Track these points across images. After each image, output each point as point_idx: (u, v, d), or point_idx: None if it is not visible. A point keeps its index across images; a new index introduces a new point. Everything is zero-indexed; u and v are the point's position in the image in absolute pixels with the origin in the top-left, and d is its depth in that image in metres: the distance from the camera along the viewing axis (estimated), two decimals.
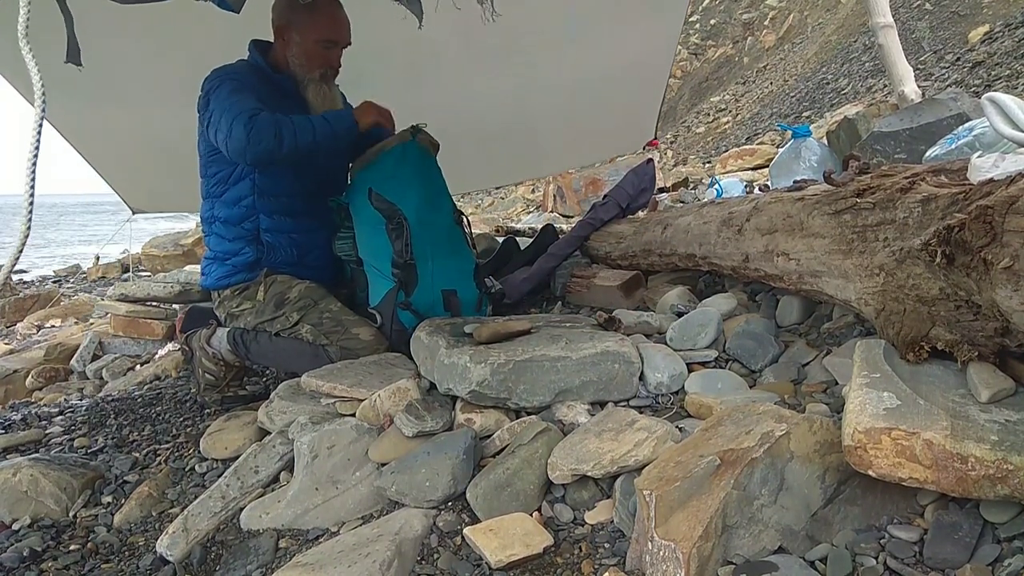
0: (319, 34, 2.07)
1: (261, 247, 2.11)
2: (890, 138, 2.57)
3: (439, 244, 2.09)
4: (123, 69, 2.93)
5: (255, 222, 2.10)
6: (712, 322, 1.64)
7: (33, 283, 10.43)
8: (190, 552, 1.35)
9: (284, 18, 2.08)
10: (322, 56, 2.10)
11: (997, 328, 0.96)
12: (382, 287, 2.07)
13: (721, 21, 21.10)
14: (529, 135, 4.34)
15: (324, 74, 2.13)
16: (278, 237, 2.12)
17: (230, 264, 2.12)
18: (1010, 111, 1.26)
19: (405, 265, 2.02)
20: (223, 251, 2.13)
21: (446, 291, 2.08)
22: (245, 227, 2.10)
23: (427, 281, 2.05)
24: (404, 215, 2.01)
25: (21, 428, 2.29)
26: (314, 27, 2.06)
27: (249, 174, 2.06)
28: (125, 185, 4.04)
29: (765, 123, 12.05)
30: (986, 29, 8.20)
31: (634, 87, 4.17)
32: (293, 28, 2.07)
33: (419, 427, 1.40)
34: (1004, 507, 0.88)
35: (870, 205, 1.21)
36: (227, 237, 2.12)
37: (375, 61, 2.37)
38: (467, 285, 2.15)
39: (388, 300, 2.04)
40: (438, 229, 2.10)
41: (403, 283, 2.03)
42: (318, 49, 2.09)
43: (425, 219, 2.05)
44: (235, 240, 2.11)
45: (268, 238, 2.11)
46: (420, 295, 2.03)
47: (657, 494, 0.95)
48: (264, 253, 2.11)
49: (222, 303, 2.16)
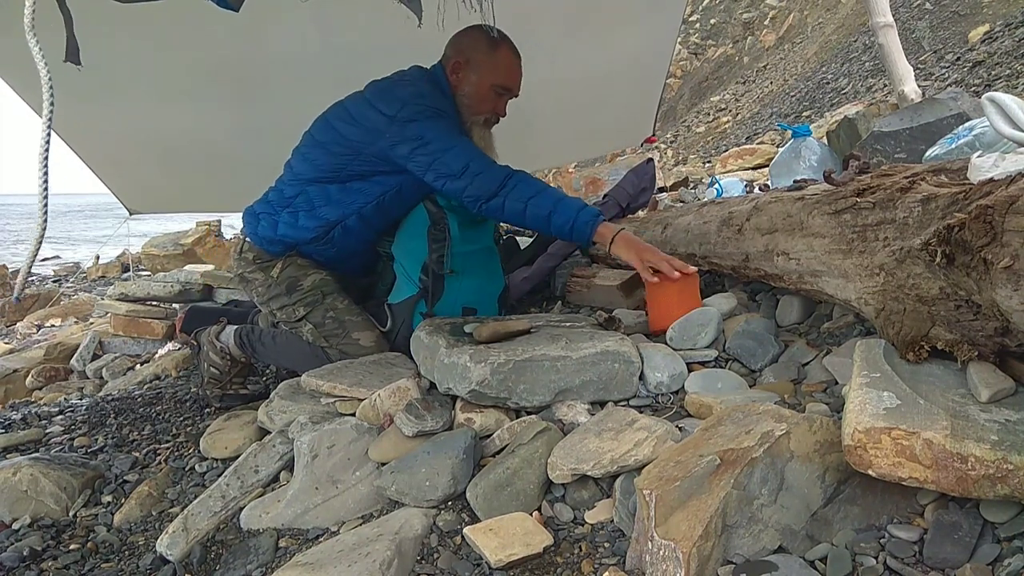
0: (496, 79, 2.03)
1: (324, 237, 2.03)
2: (890, 138, 2.57)
3: (474, 262, 2.07)
4: (120, 69, 2.92)
5: (345, 216, 2.01)
6: (712, 322, 1.64)
7: (33, 283, 10.43)
8: (190, 551, 1.35)
9: (464, 56, 2.02)
10: (493, 102, 2.06)
11: (997, 328, 0.96)
12: (406, 289, 2.06)
13: (721, 21, 21.09)
14: (527, 131, 4.35)
15: (488, 119, 2.10)
16: (347, 239, 2.06)
17: (280, 232, 2.04)
18: (1010, 111, 1.26)
19: (435, 275, 2.00)
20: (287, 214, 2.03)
21: (467, 308, 2.06)
22: (333, 212, 2.01)
23: (452, 296, 2.03)
24: (449, 225, 2.00)
25: (21, 427, 2.29)
26: (493, 71, 2.02)
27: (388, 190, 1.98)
28: (122, 186, 4.03)
29: (765, 123, 12.05)
30: (986, 29, 8.19)
31: (633, 84, 4.18)
32: (472, 68, 2.02)
33: (419, 427, 1.40)
34: (1004, 507, 0.88)
35: (870, 205, 1.21)
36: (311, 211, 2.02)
37: (376, 60, 2.36)
38: (490, 306, 2.13)
39: (407, 305, 2.03)
40: (477, 247, 2.09)
41: (428, 292, 2.01)
42: (491, 94, 2.04)
43: (468, 235, 2.04)
44: (314, 218, 2.02)
45: (338, 234, 2.04)
46: (441, 308, 2.02)
47: (657, 494, 0.95)
48: (321, 242, 2.04)
49: (241, 259, 2.12)
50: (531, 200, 1.81)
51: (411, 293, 2.04)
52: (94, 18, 1.65)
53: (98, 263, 10.12)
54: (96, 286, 8.76)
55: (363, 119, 1.95)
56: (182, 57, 3.03)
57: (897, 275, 1.11)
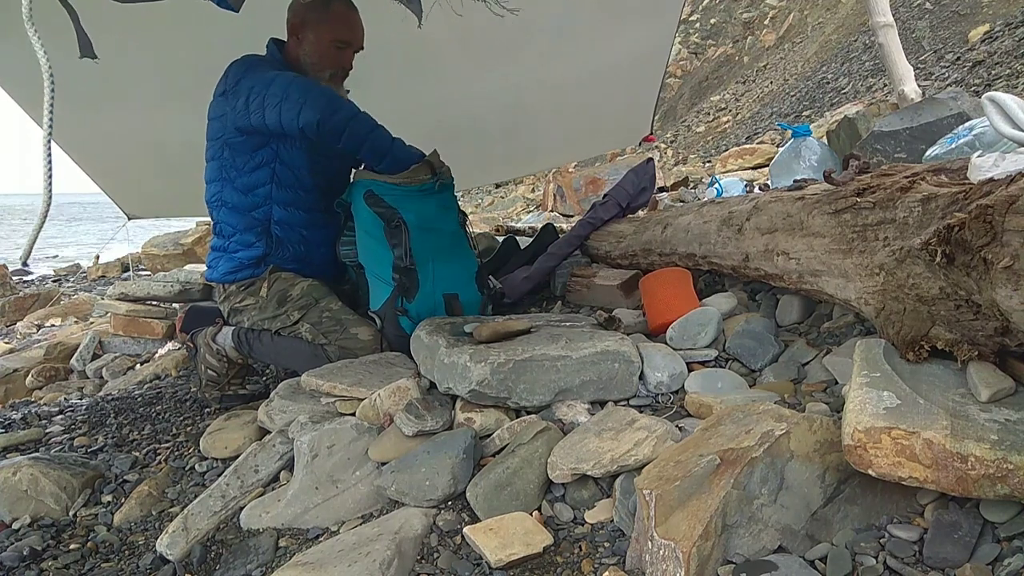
0: (333, 34, 2.09)
1: (270, 240, 2.10)
2: (890, 137, 2.57)
3: (441, 248, 2.08)
4: (118, 72, 2.90)
5: (267, 211, 2.08)
6: (712, 321, 1.64)
7: (33, 282, 10.43)
8: (190, 551, 1.35)
9: (299, 17, 2.09)
10: (335, 56, 2.11)
11: (997, 327, 0.96)
12: (383, 292, 2.06)
13: (721, 20, 21.09)
14: (526, 130, 4.36)
15: (335, 74, 2.14)
16: (288, 231, 2.11)
17: (237, 259, 2.11)
18: (1010, 110, 1.26)
19: (405, 270, 2.01)
20: (232, 243, 2.11)
21: (448, 295, 2.07)
22: (256, 216, 2.08)
23: (428, 287, 2.04)
24: (403, 219, 2.00)
25: (21, 427, 2.29)
26: (329, 27, 2.08)
27: (270, 162, 2.05)
28: (120, 191, 4.02)
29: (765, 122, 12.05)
30: (986, 28, 8.19)
31: (630, 82, 4.18)
32: (308, 27, 2.08)
33: (419, 426, 1.40)
34: (1004, 506, 0.88)
35: (870, 204, 1.21)
36: (237, 227, 2.10)
37: (375, 59, 2.37)
38: (469, 288, 2.14)
39: (388, 305, 2.04)
40: (441, 233, 2.09)
41: (404, 288, 2.02)
42: (331, 50, 2.10)
43: (427, 224, 2.04)
44: (245, 231, 2.09)
45: (278, 231, 2.10)
46: (421, 300, 2.02)
47: (657, 493, 0.95)
48: (273, 247, 2.10)
49: (227, 298, 2.16)
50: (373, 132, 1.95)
51: (388, 294, 2.05)
52: (91, 19, 1.64)
53: (98, 263, 10.12)
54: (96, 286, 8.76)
55: (212, 114, 2.08)
56: (181, 59, 3.02)
57: (897, 275, 1.11)
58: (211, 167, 2.12)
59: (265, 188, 2.07)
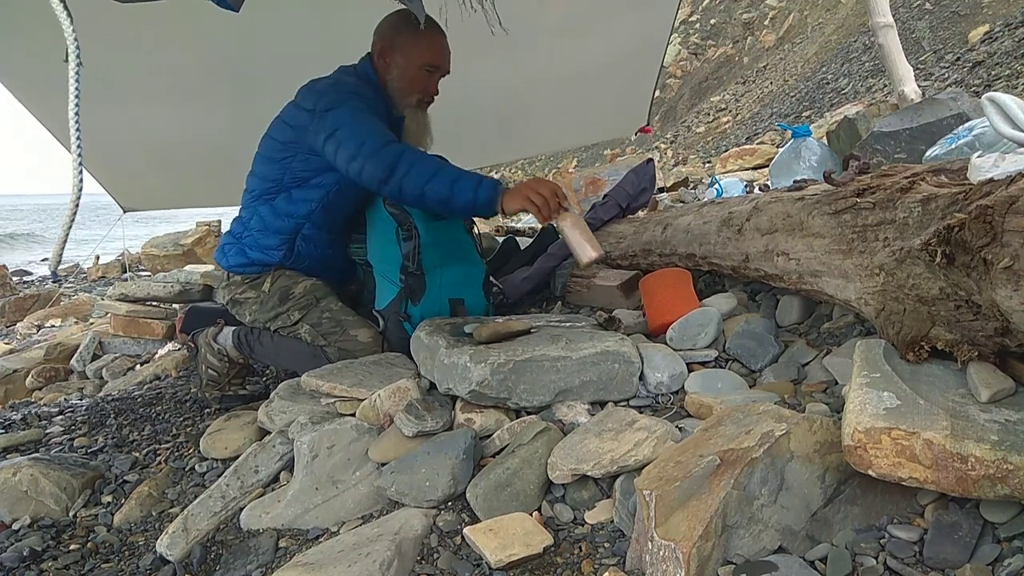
0: (424, 59, 2.05)
1: (291, 252, 2.08)
2: (890, 138, 2.57)
3: (449, 253, 2.08)
4: (115, 66, 2.91)
5: (300, 225, 2.06)
6: (712, 322, 1.64)
7: (33, 283, 10.43)
8: (190, 552, 1.35)
9: (388, 40, 2.06)
10: (423, 81, 2.08)
11: (997, 328, 0.96)
12: (389, 292, 2.06)
13: (721, 21, 21.09)
14: (523, 118, 4.39)
15: (421, 100, 2.12)
16: (311, 247, 2.10)
17: (250, 256, 2.09)
18: (1010, 111, 1.26)
19: (413, 274, 2.01)
20: (249, 238, 2.09)
21: (453, 300, 2.07)
22: (287, 225, 2.05)
23: (434, 291, 2.04)
24: (415, 223, 2.00)
25: (21, 428, 2.29)
26: (419, 52, 2.04)
27: (329, 188, 2.02)
28: (116, 184, 4.02)
29: (765, 123, 12.05)
30: (986, 29, 8.20)
31: (627, 72, 4.20)
32: (397, 51, 2.04)
33: (419, 427, 1.40)
34: (1004, 507, 0.88)
35: (870, 205, 1.21)
36: (265, 229, 2.07)
37: None
38: (475, 293, 2.14)
39: (393, 306, 2.04)
40: (449, 238, 2.09)
41: (410, 290, 2.02)
42: (421, 74, 2.06)
43: (435, 228, 2.04)
44: (270, 235, 2.07)
45: (302, 245, 2.09)
46: (427, 304, 2.03)
47: (657, 494, 0.95)
48: (290, 258, 2.09)
49: (229, 286, 2.16)
50: (428, 185, 1.78)
51: (394, 296, 2.05)
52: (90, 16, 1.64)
53: (98, 263, 10.12)
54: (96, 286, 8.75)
55: (292, 120, 2.02)
56: (181, 56, 3.03)
57: (897, 275, 1.11)
58: (272, 167, 2.06)
59: (311, 206, 2.05)
